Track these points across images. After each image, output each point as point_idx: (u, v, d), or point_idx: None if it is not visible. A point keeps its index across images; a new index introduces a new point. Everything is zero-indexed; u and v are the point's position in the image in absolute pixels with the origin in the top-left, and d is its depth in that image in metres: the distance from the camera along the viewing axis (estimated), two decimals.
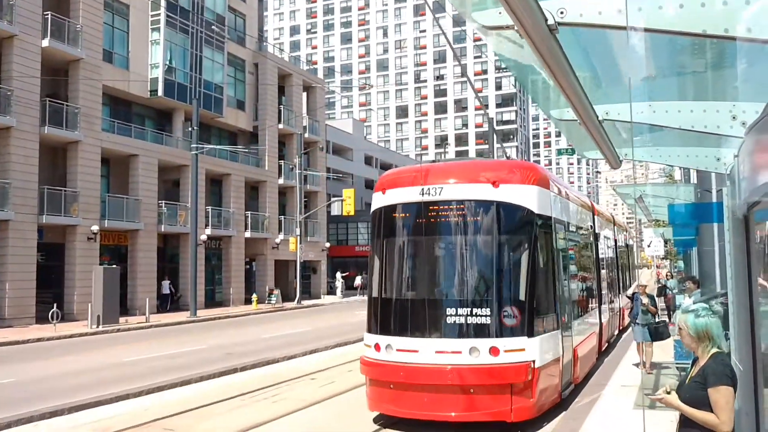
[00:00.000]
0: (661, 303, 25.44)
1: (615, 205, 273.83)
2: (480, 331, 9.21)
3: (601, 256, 15.97)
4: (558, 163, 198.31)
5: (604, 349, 15.71)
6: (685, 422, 4.16)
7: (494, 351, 8.94)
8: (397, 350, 9.46)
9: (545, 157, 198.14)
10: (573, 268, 12.68)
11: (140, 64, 34.50)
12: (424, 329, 9.55)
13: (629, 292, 19.43)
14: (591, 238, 14.99)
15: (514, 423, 9.08)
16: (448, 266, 10.14)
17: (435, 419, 9.13)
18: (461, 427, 9.32)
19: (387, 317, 10.06)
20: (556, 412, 10.10)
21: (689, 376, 4.27)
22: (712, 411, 3.97)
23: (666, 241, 27.73)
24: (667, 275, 33.95)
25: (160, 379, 14.03)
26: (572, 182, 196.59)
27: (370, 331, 10.19)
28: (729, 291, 4.96)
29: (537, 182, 9.97)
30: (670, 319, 22.54)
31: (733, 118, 3.76)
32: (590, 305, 14.17)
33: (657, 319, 13.58)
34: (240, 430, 9.82)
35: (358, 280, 51.11)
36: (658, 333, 13.16)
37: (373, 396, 9.96)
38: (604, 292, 16.04)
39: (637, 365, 13.69)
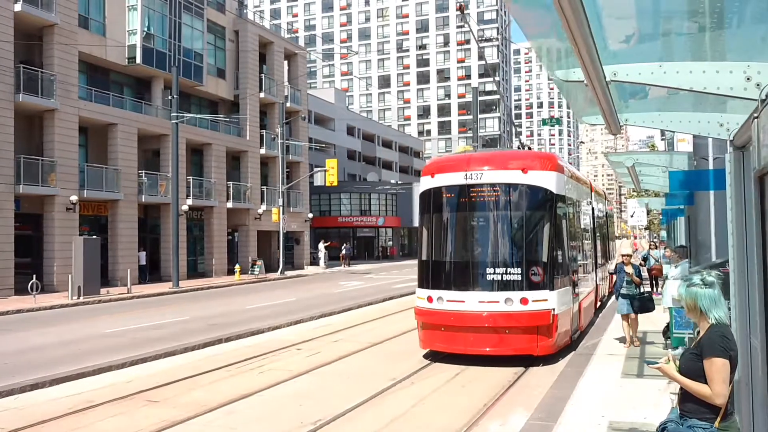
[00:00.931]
0: (644, 273, 25.56)
1: (595, 175, 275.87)
2: (513, 285, 11.90)
3: (596, 226, 18.62)
4: (539, 134, 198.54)
5: (598, 306, 18.27)
6: (684, 394, 4.10)
7: (524, 301, 11.62)
8: (447, 301, 12.20)
9: (527, 128, 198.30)
10: (578, 236, 15.39)
11: (117, 31, 33.66)
12: (469, 284, 12.28)
13: (611, 266, 19.39)
14: (590, 212, 17.47)
15: (538, 357, 11.84)
16: (487, 235, 12.71)
17: (476, 353, 12.00)
18: (492, 361, 11.91)
19: (438, 275, 12.67)
20: (568, 351, 12.61)
21: (689, 347, 4.22)
22: (707, 383, 3.90)
23: (648, 212, 27.86)
24: (650, 245, 34.25)
25: (144, 350, 13.86)
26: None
27: (422, 286, 12.80)
28: (730, 259, 4.87)
29: (555, 169, 12.62)
30: (655, 289, 22.72)
31: (747, 79, 3.59)
32: (589, 268, 16.68)
33: (641, 290, 12.88)
34: (227, 401, 9.70)
35: (343, 251, 50.86)
36: (643, 305, 12.61)
37: (425, 337, 12.70)
38: (598, 256, 18.79)
39: (621, 340, 13.10)
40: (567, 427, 7.67)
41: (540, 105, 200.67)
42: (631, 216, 25.22)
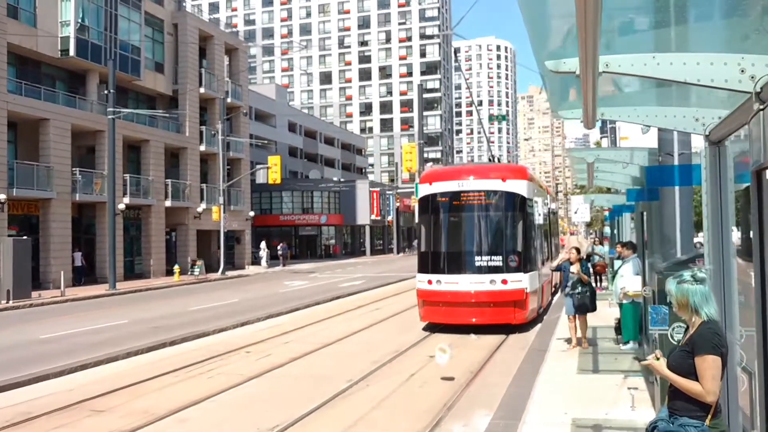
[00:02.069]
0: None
1: (534, 170, 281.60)
2: (495, 269, 15.05)
3: (551, 222, 21.99)
4: (479, 132, 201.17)
5: (553, 291, 20.83)
6: (674, 392, 4.01)
7: (504, 282, 14.64)
8: (444, 283, 15.29)
9: (467, 126, 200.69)
10: (541, 231, 18.50)
11: (49, 22, 32.22)
12: (461, 269, 15.44)
13: (554, 264, 19.92)
14: (547, 211, 20.53)
15: (516, 325, 15.10)
16: (476, 230, 15.82)
17: (466, 323, 15.03)
18: (478, 329, 14.91)
19: (436, 263, 15.77)
20: (536, 323, 15.95)
21: (680, 344, 4.14)
22: (698, 380, 3.83)
23: (591, 208, 28.46)
24: (594, 241, 34.99)
25: (83, 356, 13.18)
26: (492, 152, 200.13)
27: (422, 272, 15.82)
28: (706, 254, 4.84)
29: (526, 178, 15.85)
30: (599, 285, 23.11)
31: (742, 71, 3.50)
32: (547, 258, 19.80)
33: (582, 288, 12.19)
34: (177, 408, 9.25)
35: (279, 250, 49.64)
36: (581, 304, 12.06)
37: (425, 312, 15.82)
38: (553, 248, 22.19)
39: (567, 341, 12.49)
40: (531, 426, 7.58)
41: (480, 103, 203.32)
42: (575, 212, 25.66)
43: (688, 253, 6.17)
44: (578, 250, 13.04)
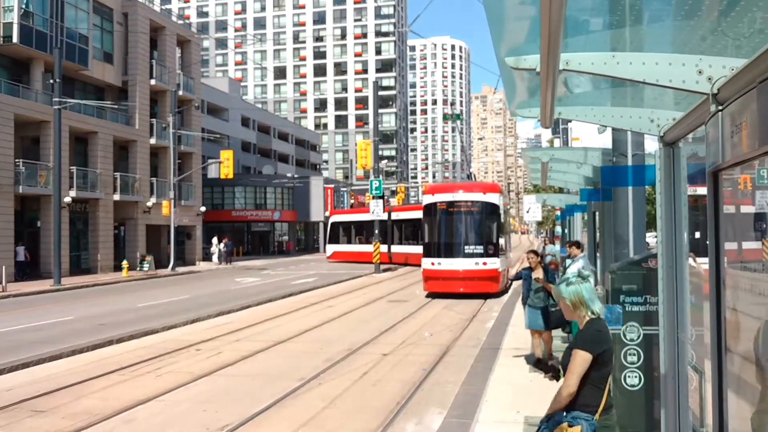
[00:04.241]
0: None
1: (485, 172, 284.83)
2: (478, 255, 21.96)
3: (508, 222, 27.62)
4: (434, 131, 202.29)
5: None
6: None
7: (484, 263, 20.79)
8: (443, 264, 22.31)
9: (421, 124, 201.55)
10: (506, 229, 24.95)
11: None
12: (455, 255, 22.32)
13: (512, 273, 21.64)
14: (505, 214, 25.47)
15: (491, 294, 21.68)
16: (464, 227, 22.70)
17: (456, 292, 21.68)
18: (465, 297, 21.35)
19: (438, 250, 22.78)
20: (504, 293, 22.71)
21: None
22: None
23: (543, 208, 28.91)
24: (545, 241, 35.55)
25: (25, 354, 12.72)
26: (446, 150, 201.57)
27: (427, 256, 22.94)
28: (659, 254, 4.89)
29: (499, 191, 23.36)
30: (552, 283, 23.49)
31: (699, 72, 3.52)
32: (506, 249, 25.25)
33: (552, 300, 9.94)
34: (123, 408, 8.98)
35: (222, 246, 46.53)
36: (561, 319, 9.21)
37: (428, 285, 22.74)
38: (509, 242, 27.87)
39: (529, 361, 10.50)
40: (485, 426, 7.59)
41: (434, 102, 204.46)
42: (527, 212, 26.00)
43: (640, 253, 6.25)
44: (537, 254, 10.99)
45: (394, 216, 41.16)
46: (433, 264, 22.46)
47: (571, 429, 3.99)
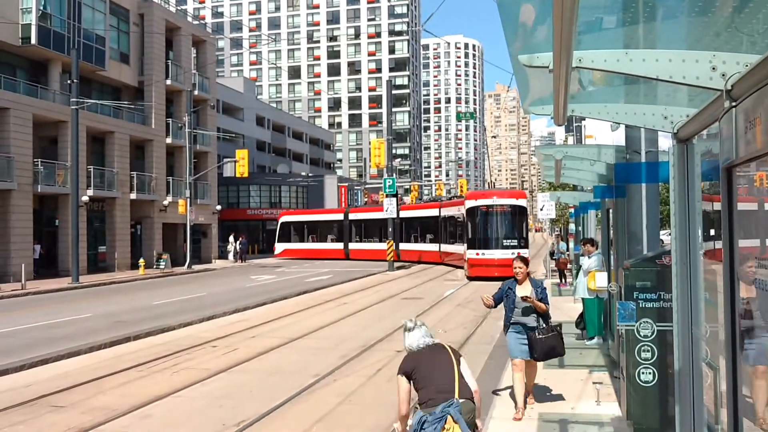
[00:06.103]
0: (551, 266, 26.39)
1: (499, 169, 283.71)
2: (512, 247, 28.17)
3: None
4: (447, 129, 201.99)
5: None
6: None
7: (520, 253, 19.81)
8: (485, 254, 29.01)
9: (435, 122, 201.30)
10: (529, 228, 33.82)
11: (10, 8, 31.39)
12: (494, 247, 29.14)
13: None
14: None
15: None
16: (502, 226, 29.76)
17: (493, 276, 25.98)
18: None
19: (480, 243, 29.49)
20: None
21: None
22: None
23: (557, 205, 28.91)
24: (559, 238, 35.76)
25: (44, 350, 12.90)
26: (460, 148, 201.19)
27: (471, 248, 29.56)
28: (672, 251, 4.89)
29: (525, 197, 31.31)
30: (563, 281, 23.41)
31: (713, 68, 3.53)
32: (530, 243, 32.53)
33: (542, 323, 7.88)
34: (141, 404, 9.10)
35: (237, 246, 46.92)
36: (551, 349, 7.84)
37: (472, 270, 28.96)
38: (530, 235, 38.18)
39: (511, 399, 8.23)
40: (499, 422, 7.62)
41: (448, 100, 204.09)
42: (541, 209, 25.98)
43: (654, 250, 6.24)
44: (525, 262, 8.30)
45: (403, 214, 41.35)
46: (477, 254, 28.97)
47: None
